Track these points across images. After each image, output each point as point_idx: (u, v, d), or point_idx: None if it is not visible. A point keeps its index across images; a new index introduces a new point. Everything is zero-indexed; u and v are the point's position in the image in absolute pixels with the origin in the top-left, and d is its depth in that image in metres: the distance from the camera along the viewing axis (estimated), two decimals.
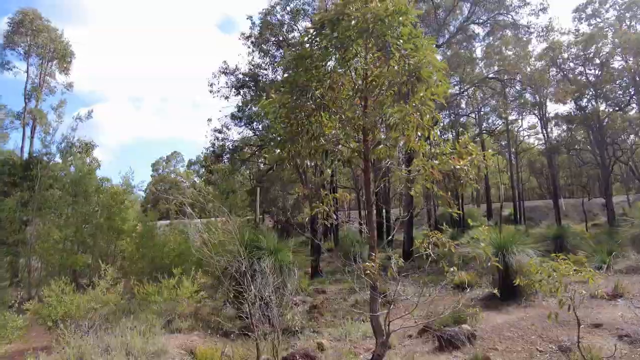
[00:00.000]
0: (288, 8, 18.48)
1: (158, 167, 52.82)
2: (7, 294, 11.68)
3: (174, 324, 7.99)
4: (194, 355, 6.48)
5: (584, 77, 22.69)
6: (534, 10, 18.79)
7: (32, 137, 20.33)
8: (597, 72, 22.41)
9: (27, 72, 21.20)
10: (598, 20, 22.93)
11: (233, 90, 19.73)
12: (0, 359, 6.90)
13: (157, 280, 8.81)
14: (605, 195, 23.25)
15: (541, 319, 7.51)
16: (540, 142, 31.03)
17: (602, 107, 22.84)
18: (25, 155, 19.57)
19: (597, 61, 21.99)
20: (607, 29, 21.81)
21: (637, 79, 21.20)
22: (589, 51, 21.67)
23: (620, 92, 22.59)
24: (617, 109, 22.72)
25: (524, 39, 20.77)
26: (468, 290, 9.66)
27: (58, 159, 17.99)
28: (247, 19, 19.34)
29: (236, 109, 19.91)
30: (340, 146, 6.08)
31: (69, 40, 22.45)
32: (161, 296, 8.45)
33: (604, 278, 9.13)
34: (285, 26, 18.62)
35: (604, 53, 21.62)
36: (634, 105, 22.84)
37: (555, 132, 29.15)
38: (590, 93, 22.44)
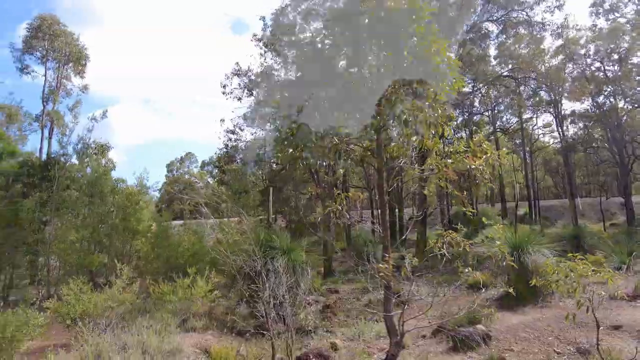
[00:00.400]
0: (299, 9, 18.53)
1: (172, 168, 53.55)
2: (28, 292, 11.96)
3: (188, 323, 8.10)
4: (208, 354, 6.55)
5: (601, 74, 22.17)
6: (549, 7, 18.53)
7: (49, 139, 20.78)
8: (615, 68, 21.89)
9: (44, 75, 21.66)
10: (616, 14, 22.38)
11: (245, 91, 19.88)
12: (22, 354, 7.06)
13: (172, 279, 8.95)
14: (624, 194, 22.70)
15: (558, 320, 7.39)
16: (556, 141, 30.47)
17: (621, 104, 22.33)
18: (44, 157, 19.98)
19: (616, 57, 21.47)
20: (626, 24, 21.27)
21: None
22: (607, 47, 21.17)
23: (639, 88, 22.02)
24: (636, 105, 22.16)
25: (538, 36, 20.44)
26: (483, 290, 9.53)
27: (75, 160, 18.35)
28: (260, 19, 19.56)
29: (248, 110, 20.08)
30: (352, 145, 6.07)
31: (84, 44, 22.95)
32: (176, 295, 8.57)
33: (623, 279, 8.95)
34: (297, 27, 18.66)
35: (623, 48, 21.10)
36: None
37: (571, 130, 28.50)
38: (609, 90, 21.93)
